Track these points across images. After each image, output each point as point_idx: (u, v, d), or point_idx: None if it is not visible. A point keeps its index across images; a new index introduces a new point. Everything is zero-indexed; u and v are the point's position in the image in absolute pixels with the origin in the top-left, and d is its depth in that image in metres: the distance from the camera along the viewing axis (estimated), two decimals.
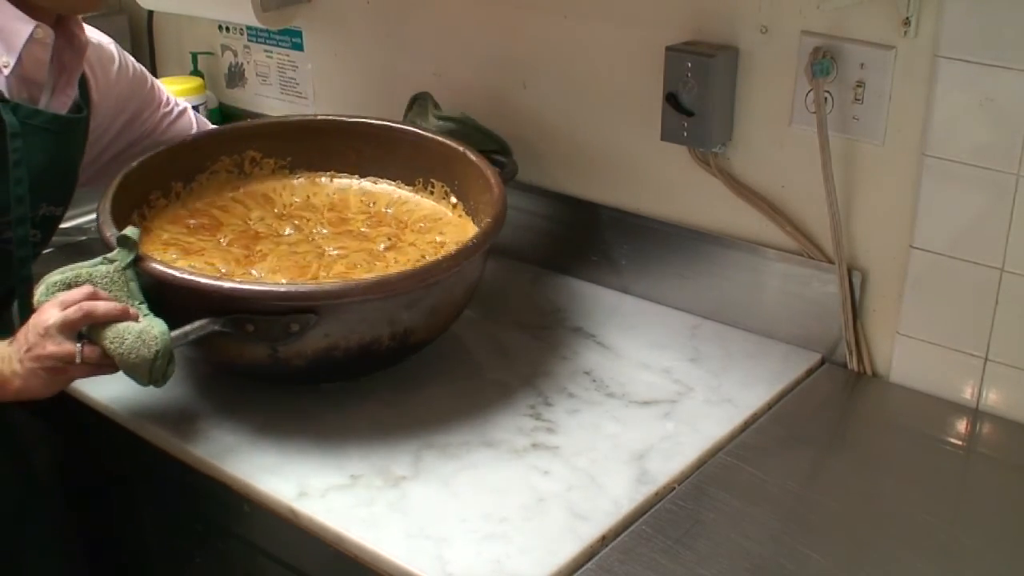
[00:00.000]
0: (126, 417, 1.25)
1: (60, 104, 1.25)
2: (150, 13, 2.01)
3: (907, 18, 1.19)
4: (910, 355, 1.29)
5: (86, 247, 1.66)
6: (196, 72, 1.97)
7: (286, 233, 1.38)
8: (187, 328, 1.12)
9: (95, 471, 1.43)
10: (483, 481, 1.13)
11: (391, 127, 1.46)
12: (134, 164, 1.34)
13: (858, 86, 1.25)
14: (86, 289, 1.12)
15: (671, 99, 1.35)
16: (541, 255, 1.60)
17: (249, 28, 1.89)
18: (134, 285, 1.15)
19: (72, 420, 1.33)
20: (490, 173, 1.35)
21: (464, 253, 1.21)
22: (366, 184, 1.47)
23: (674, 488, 1.13)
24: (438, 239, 1.36)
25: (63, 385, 1.14)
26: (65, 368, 1.10)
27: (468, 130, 1.45)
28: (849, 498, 1.13)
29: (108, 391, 1.28)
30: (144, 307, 1.14)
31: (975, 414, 1.26)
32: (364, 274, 1.28)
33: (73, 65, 1.26)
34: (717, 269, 1.43)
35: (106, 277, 1.14)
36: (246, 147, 1.45)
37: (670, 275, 1.47)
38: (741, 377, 1.32)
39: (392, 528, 1.06)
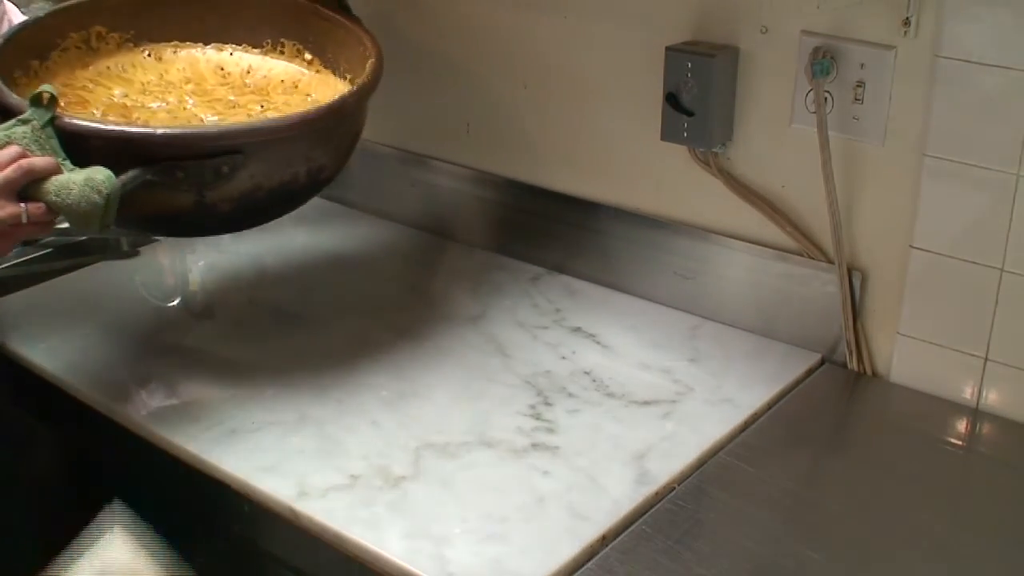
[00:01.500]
0: (125, 416, 1.26)
1: None
2: None
3: (907, 18, 1.19)
4: (910, 355, 1.29)
5: (85, 246, 1.66)
6: None
7: (154, 106, 1.36)
8: (123, 178, 1.11)
9: (93, 471, 1.43)
10: (483, 481, 1.13)
11: None
12: (1, 41, 1.32)
13: (858, 86, 1.25)
14: (14, 149, 1.09)
15: (671, 99, 1.35)
16: (541, 255, 1.60)
17: None
18: (55, 142, 1.12)
19: (70, 420, 1.33)
20: (357, 26, 1.41)
21: (366, 88, 1.32)
22: (211, 52, 1.47)
23: (674, 488, 1.13)
24: (310, 98, 1.41)
25: (8, 248, 1.11)
26: (11, 230, 1.08)
27: None
28: (849, 498, 1.13)
29: (106, 389, 1.28)
30: (68, 163, 1.12)
31: (975, 414, 1.26)
32: None
33: None
34: (717, 269, 1.43)
35: (26, 137, 1.11)
36: (92, 22, 1.42)
37: (670, 275, 1.47)
38: (741, 377, 1.32)
39: (392, 528, 1.06)
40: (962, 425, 1.25)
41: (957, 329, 1.25)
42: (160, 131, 1.16)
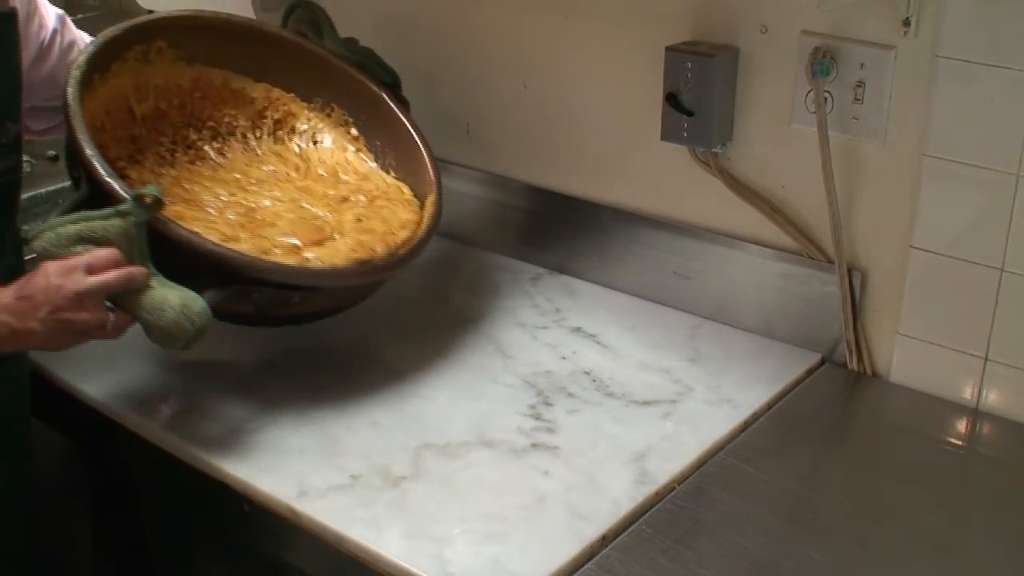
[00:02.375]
0: (125, 416, 1.26)
1: None
2: (150, 13, 2.00)
3: (907, 18, 1.19)
4: (910, 355, 1.29)
5: None
6: None
7: (268, 204, 1.36)
8: (208, 298, 1.12)
9: (95, 471, 1.43)
10: (483, 481, 1.13)
11: (303, 46, 1.45)
12: (83, 64, 1.26)
13: (858, 86, 1.25)
14: (113, 253, 1.08)
15: (671, 99, 1.35)
16: (541, 255, 1.60)
17: None
18: (144, 243, 1.11)
19: (72, 420, 1.33)
20: (417, 133, 1.43)
21: (432, 228, 1.35)
22: (267, 139, 1.45)
23: (674, 488, 1.13)
24: (389, 181, 1.44)
25: (79, 344, 1.11)
26: (93, 332, 1.09)
27: (367, 61, 1.47)
28: (849, 498, 1.13)
29: (107, 390, 1.28)
30: (152, 267, 1.11)
31: (975, 414, 1.26)
32: (378, 228, 1.33)
33: None
34: (717, 269, 1.43)
35: (122, 233, 1.10)
36: (157, 37, 1.40)
37: (670, 275, 1.47)
38: (741, 377, 1.32)
39: (392, 528, 1.06)
40: (962, 425, 1.25)
41: (957, 329, 1.25)
42: (265, 262, 1.18)
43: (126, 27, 1.33)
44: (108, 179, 1.15)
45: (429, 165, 1.42)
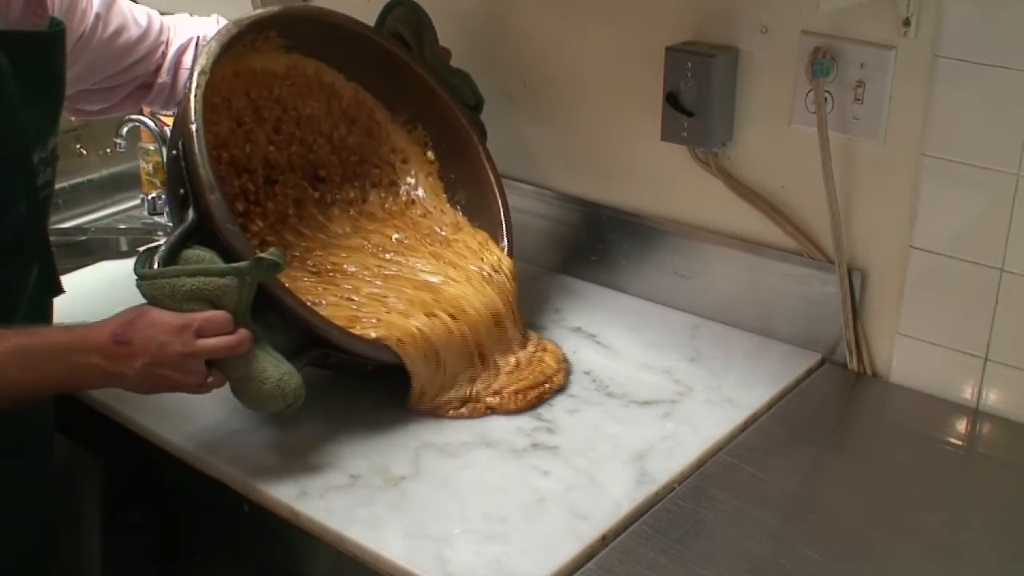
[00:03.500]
0: (125, 417, 1.26)
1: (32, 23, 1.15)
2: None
3: (907, 18, 1.19)
4: (910, 355, 1.29)
5: (85, 246, 1.66)
6: None
7: (394, 271, 1.36)
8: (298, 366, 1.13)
9: (95, 471, 1.43)
10: (483, 481, 1.13)
11: (402, 59, 1.42)
12: (208, 69, 1.20)
13: (858, 86, 1.25)
14: (226, 319, 1.07)
15: (671, 99, 1.35)
16: (541, 255, 1.60)
17: None
18: (250, 301, 1.09)
19: (73, 420, 1.33)
20: (498, 185, 1.42)
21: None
22: (354, 195, 1.44)
23: (674, 488, 1.13)
24: (479, 238, 1.43)
25: (166, 393, 1.11)
26: (188, 388, 1.09)
27: (459, 83, 1.46)
28: (849, 498, 1.13)
29: (107, 392, 1.28)
30: (251, 322, 1.09)
31: (975, 414, 1.26)
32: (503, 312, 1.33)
33: None
34: (717, 269, 1.43)
35: (235, 292, 1.07)
36: (271, 28, 1.35)
37: (670, 275, 1.47)
38: (741, 377, 1.32)
39: (392, 528, 1.06)
40: (962, 425, 1.25)
41: (957, 329, 1.25)
42: (353, 336, 1.18)
43: (249, 23, 1.28)
44: (227, 226, 1.12)
45: (504, 225, 1.41)
